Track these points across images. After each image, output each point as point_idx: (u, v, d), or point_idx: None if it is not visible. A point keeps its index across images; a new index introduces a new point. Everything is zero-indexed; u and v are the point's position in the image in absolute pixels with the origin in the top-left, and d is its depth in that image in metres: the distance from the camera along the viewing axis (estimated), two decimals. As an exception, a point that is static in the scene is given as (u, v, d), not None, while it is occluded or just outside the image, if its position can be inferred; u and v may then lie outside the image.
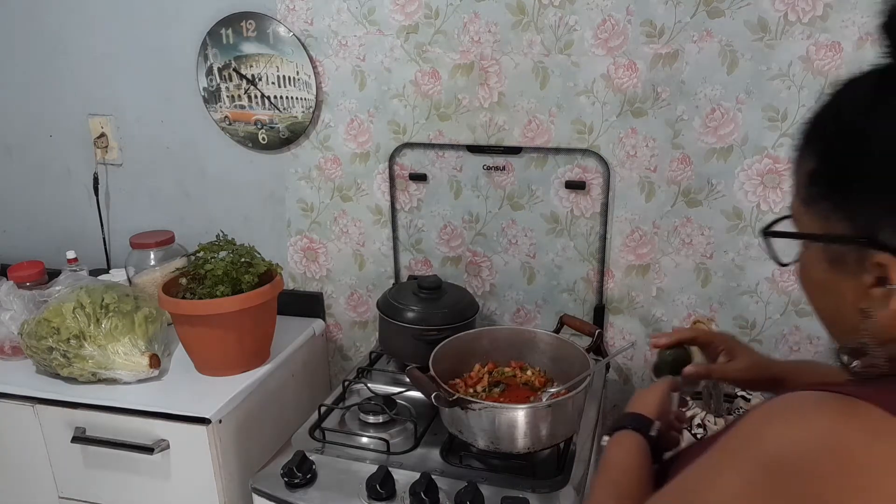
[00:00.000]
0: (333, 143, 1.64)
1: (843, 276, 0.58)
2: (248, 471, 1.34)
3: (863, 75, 0.58)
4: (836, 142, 0.57)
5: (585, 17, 1.40)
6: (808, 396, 0.54)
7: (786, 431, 0.52)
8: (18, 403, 1.43)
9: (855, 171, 0.55)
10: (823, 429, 0.50)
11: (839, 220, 0.56)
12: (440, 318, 1.46)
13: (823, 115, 0.59)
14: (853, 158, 0.55)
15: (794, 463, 0.49)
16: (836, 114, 0.58)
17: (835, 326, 0.63)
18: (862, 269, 0.56)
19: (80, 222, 1.91)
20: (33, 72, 1.81)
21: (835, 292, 0.60)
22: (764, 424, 0.54)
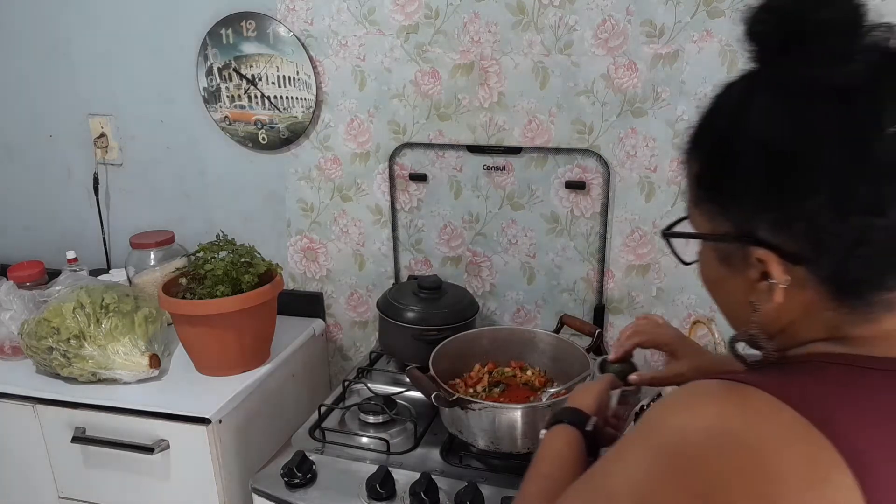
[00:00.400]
0: (333, 143, 1.64)
1: (733, 273, 0.61)
2: (248, 471, 1.34)
3: (736, 80, 0.60)
4: (711, 147, 0.60)
5: (585, 17, 1.40)
6: (702, 385, 0.57)
7: (681, 418, 0.55)
8: (18, 403, 1.43)
9: (728, 173, 0.58)
10: (713, 414, 0.53)
11: (723, 220, 0.60)
12: (440, 318, 1.46)
13: (704, 119, 0.62)
14: (726, 161, 0.58)
15: (686, 446, 0.53)
16: (712, 119, 0.61)
17: (733, 320, 0.66)
18: (747, 265, 0.59)
19: (80, 222, 1.91)
20: (33, 72, 1.81)
21: (727, 288, 0.64)
22: (663, 414, 0.57)
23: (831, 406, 0.52)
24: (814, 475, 0.49)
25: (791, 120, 0.53)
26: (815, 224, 0.53)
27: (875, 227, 0.52)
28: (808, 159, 0.53)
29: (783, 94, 0.54)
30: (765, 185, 0.55)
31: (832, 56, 0.52)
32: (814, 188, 0.53)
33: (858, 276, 0.55)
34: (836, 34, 0.53)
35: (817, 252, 0.55)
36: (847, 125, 0.52)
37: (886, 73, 0.52)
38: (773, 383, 0.54)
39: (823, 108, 0.52)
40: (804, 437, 0.50)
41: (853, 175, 0.52)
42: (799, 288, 0.57)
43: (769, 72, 0.56)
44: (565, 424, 0.86)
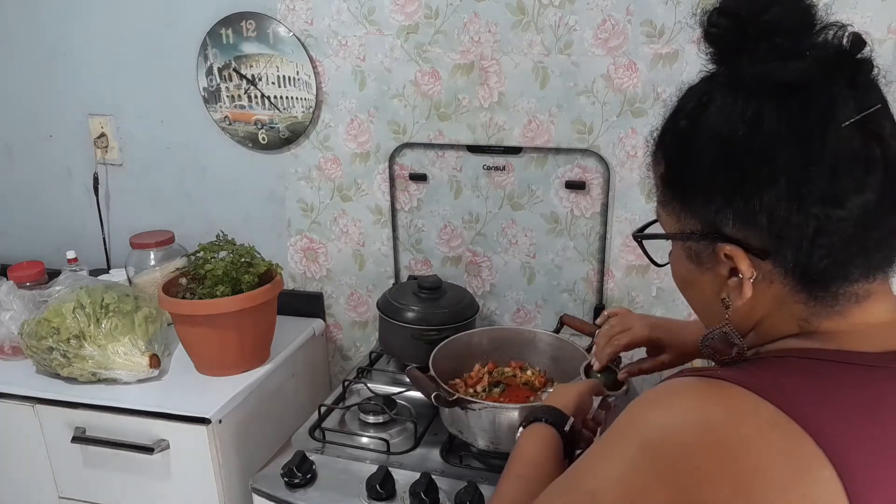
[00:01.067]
0: (333, 143, 1.64)
1: (703, 271, 0.63)
2: (248, 471, 1.34)
3: (698, 82, 0.62)
4: (674, 147, 0.62)
5: (585, 17, 1.40)
6: (682, 382, 0.58)
7: (661, 416, 0.56)
8: (18, 403, 1.43)
9: (691, 173, 0.60)
10: (694, 410, 0.54)
11: (689, 219, 0.61)
12: (440, 318, 1.46)
13: (667, 120, 0.64)
14: (688, 161, 0.60)
15: (667, 442, 0.53)
16: (674, 119, 0.62)
17: (706, 318, 0.67)
18: (716, 262, 0.60)
19: (80, 222, 1.91)
20: (33, 72, 1.81)
21: (699, 287, 0.65)
22: (642, 411, 0.58)
23: (808, 400, 0.53)
24: (795, 469, 0.50)
25: (746, 116, 0.55)
26: (775, 217, 0.55)
27: (834, 218, 0.54)
28: (764, 154, 0.54)
29: (738, 92, 0.56)
30: (725, 180, 0.57)
31: (783, 53, 0.54)
32: (772, 181, 0.54)
33: (822, 267, 0.56)
34: (786, 33, 0.55)
35: (780, 244, 0.56)
36: (801, 120, 0.53)
37: (838, 68, 0.54)
38: (751, 379, 0.54)
39: (777, 103, 0.54)
40: (784, 433, 0.51)
41: (809, 168, 0.53)
42: (767, 282, 0.59)
43: (726, 71, 0.58)
44: (543, 423, 0.87)
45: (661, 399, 0.58)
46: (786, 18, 0.55)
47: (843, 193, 0.53)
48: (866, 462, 0.51)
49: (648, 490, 0.53)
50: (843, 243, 0.55)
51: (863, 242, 0.55)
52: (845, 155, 0.53)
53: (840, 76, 0.54)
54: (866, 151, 0.53)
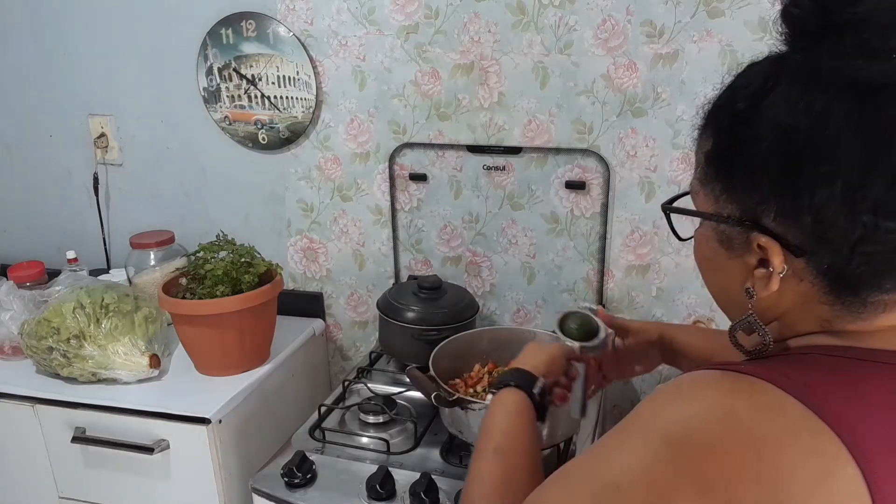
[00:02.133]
0: (333, 143, 1.64)
1: (731, 256, 0.61)
2: (248, 471, 1.34)
3: (761, 61, 0.59)
4: (727, 126, 0.59)
5: (585, 17, 1.40)
6: (706, 375, 0.56)
7: (685, 408, 0.54)
8: (18, 403, 1.43)
9: (741, 157, 0.57)
10: (719, 405, 0.53)
11: (728, 202, 0.59)
12: (440, 318, 1.46)
13: (722, 97, 0.61)
14: (740, 144, 0.57)
15: (693, 437, 0.52)
16: (731, 98, 0.59)
17: (723, 302, 0.66)
18: (747, 251, 0.59)
19: (80, 222, 1.91)
20: (33, 72, 1.81)
21: (723, 270, 0.63)
22: (666, 402, 0.57)
23: (833, 398, 0.52)
24: (822, 469, 0.49)
25: (815, 111, 0.52)
26: (822, 217, 0.53)
27: (882, 229, 0.52)
28: (826, 152, 0.52)
29: (811, 84, 0.53)
30: (778, 171, 0.54)
31: (866, 52, 0.52)
32: (828, 182, 0.52)
33: (857, 274, 0.55)
34: (874, 29, 0.52)
35: (820, 246, 0.54)
36: (871, 123, 0.51)
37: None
38: (776, 375, 0.53)
39: (850, 103, 0.51)
40: (811, 431, 0.50)
41: (869, 174, 0.51)
42: (796, 279, 0.57)
43: (799, 58, 0.55)
44: (512, 388, 0.85)
45: (685, 391, 0.56)
46: (877, 15, 0.52)
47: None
48: (885, 458, 0.50)
49: (675, 484, 0.51)
50: (884, 254, 0.53)
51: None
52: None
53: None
54: None
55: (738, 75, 0.61)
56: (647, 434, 0.55)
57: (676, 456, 0.52)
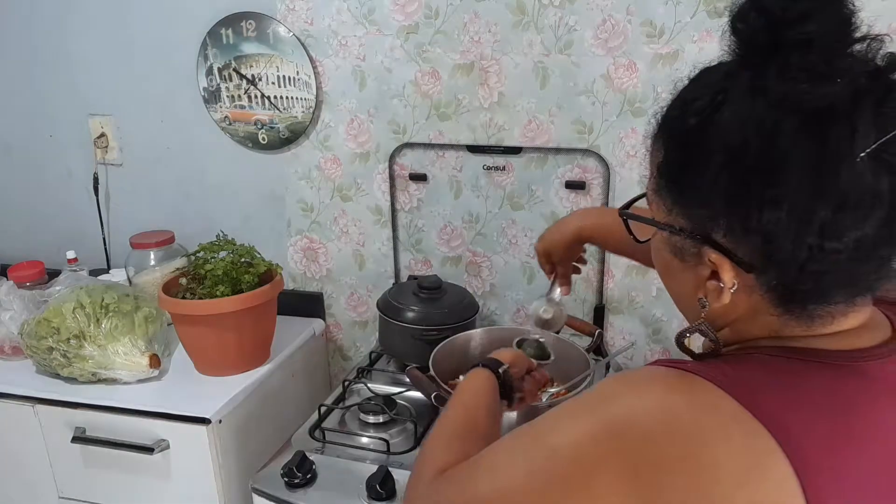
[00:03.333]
0: (333, 143, 1.64)
1: (684, 266, 0.62)
2: (248, 471, 1.34)
3: (713, 70, 0.60)
4: (678, 142, 0.59)
5: (585, 17, 1.40)
6: (656, 371, 0.59)
7: (631, 399, 0.57)
8: (18, 403, 1.43)
9: (691, 174, 0.57)
10: (660, 400, 0.56)
11: (679, 215, 0.60)
12: (440, 318, 1.46)
13: (674, 108, 0.61)
14: (690, 162, 0.58)
15: (633, 427, 0.55)
16: (682, 111, 0.59)
17: (681, 307, 0.68)
18: (699, 262, 0.60)
19: (80, 222, 1.91)
20: (33, 72, 1.81)
21: (677, 278, 0.64)
22: (617, 390, 0.59)
23: (770, 397, 0.54)
24: (750, 465, 0.51)
25: (763, 134, 0.52)
26: (770, 238, 0.53)
27: (828, 250, 0.53)
28: (774, 176, 0.52)
29: (759, 105, 0.53)
30: (727, 192, 0.54)
31: (813, 74, 0.51)
32: (775, 205, 0.52)
33: (806, 291, 0.56)
34: (821, 51, 0.52)
35: (769, 264, 0.55)
36: (818, 148, 0.51)
37: (866, 97, 0.51)
38: (717, 373, 0.55)
39: (798, 127, 0.51)
40: (743, 428, 0.52)
41: (816, 198, 0.51)
42: (747, 292, 0.58)
43: (748, 76, 0.55)
44: (480, 367, 0.93)
45: (635, 383, 0.59)
46: (824, 36, 0.52)
47: (844, 228, 0.52)
48: (825, 459, 0.52)
49: (602, 464, 0.55)
50: (831, 272, 0.54)
51: (852, 273, 0.55)
52: (855, 190, 0.51)
53: (868, 102, 0.51)
54: (875, 186, 0.51)
55: (690, 84, 0.61)
56: (594, 415, 0.58)
57: (611, 440, 0.55)
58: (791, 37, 0.52)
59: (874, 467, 0.54)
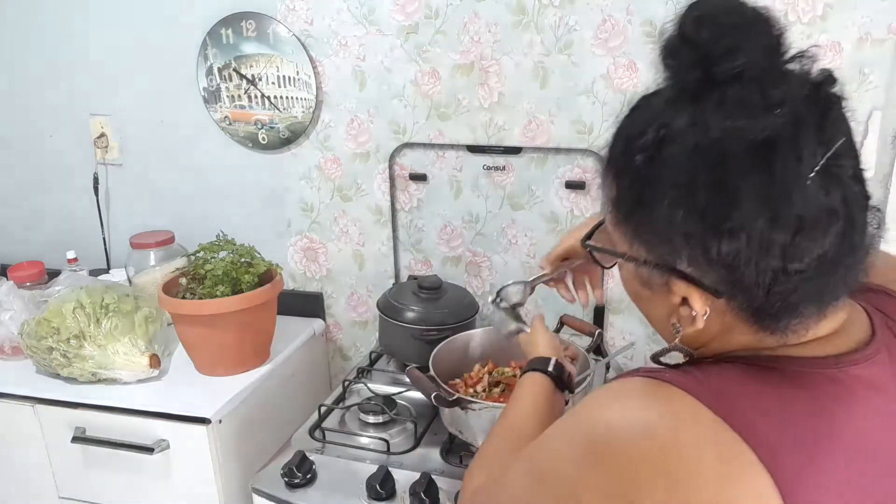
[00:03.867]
0: (333, 143, 1.64)
1: (653, 294, 0.62)
2: (248, 471, 1.34)
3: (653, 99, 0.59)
4: (628, 181, 0.59)
5: (585, 17, 1.40)
6: (633, 383, 0.59)
7: (608, 414, 0.58)
8: (18, 403, 1.43)
9: (645, 212, 0.57)
10: (637, 414, 0.56)
11: (640, 248, 0.59)
12: (440, 318, 1.46)
13: (618, 143, 0.60)
14: (642, 201, 0.57)
15: (612, 444, 0.55)
16: (628, 148, 0.58)
17: (657, 328, 0.67)
18: (668, 291, 0.59)
19: (80, 222, 1.91)
20: (33, 72, 1.81)
21: (649, 305, 0.65)
22: (592, 405, 0.60)
23: (746, 407, 0.54)
24: (727, 477, 0.51)
25: (711, 168, 0.52)
26: (734, 267, 0.53)
27: (791, 271, 0.53)
28: (727, 210, 0.52)
29: (703, 140, 0.53)
30: (683, 228, 0.54)
31: (751, 107, 0.51)
32: (733, 236, 0.52)
33: (776, 309, 0.56)
34: (753, 84, 0.52)
35: (736, 289, 0.55)
36: (768, 177, 0.51)
37: (806, 121, 0.51)
38: (694, 384, 0.55)
39: (745, 159, 0.51)
40: (720, 439, 0.52)
41: (773, 226, 0.51)
42: (718, 314, 0.58)
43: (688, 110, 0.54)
44: (530, 373, 0.92)
45: (611, 398, 0.59)
46: (753, 66, 0.52)
47: (805, 249, 0.52)
48: (803, 469, 0.52)
49: (583, 485, 0.56)
50: (798, 290, 0.54)
51: (819, 286, 0.55)
52: (810, 212, 0.51)
53: (809, 125, 0.51)
54: (829, 202, 0.52)
55: (631, 114, 0.60)
56: (576, 433, 0.60)
57: (590, 461, 0.56)
58: (722, 72, 0.52)
59: (852, 476, 0.54)
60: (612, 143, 0.61)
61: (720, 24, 0.53)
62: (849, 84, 1.30)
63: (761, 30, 0.54)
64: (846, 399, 0.56)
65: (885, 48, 1.27)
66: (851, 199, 0.53)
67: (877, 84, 1.29)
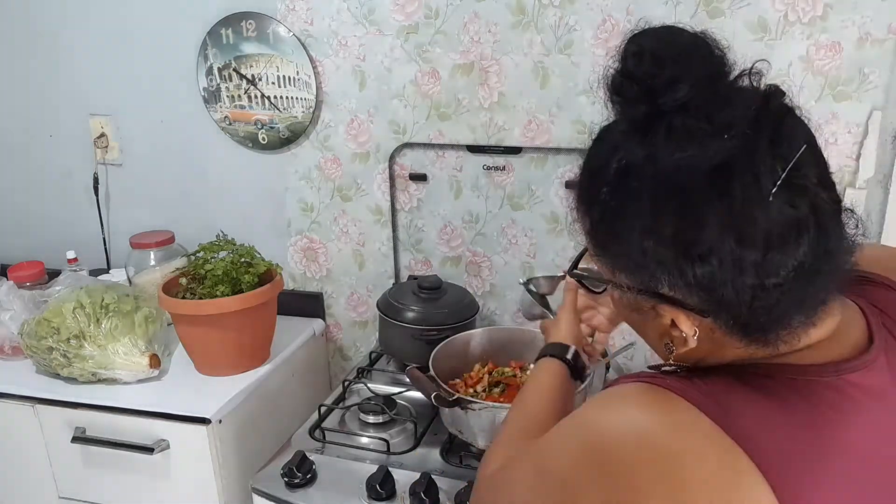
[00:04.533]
0: (333, 143, 1.64)
1: (643, 317, 0.62)
2: (248, 471, 1.34)
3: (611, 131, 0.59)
4: (597, 212, 0.60)
5: (585, 17, 1.40)
6: (632, 389, 0.59)
7: (608, 419, 0.58)
8: (18, 403, 1.43)
9: (617, 242, 0.58)
10: (636, 420, 0.56)
11: (622, 275, 0.60)
12: (440, 318, 1.46)
13: (584, 177, 0.62)
14: (613, 230, 0.58)
15: (611, 451, 0.55)
16: (592, 181, 0.59)
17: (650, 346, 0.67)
18: (656, 314, 0.60)
19: (80, 222, 1.91)
20: (33, 72, 1.81)
21: (641, 327, 0.65)
22: (595, 410, 0.61)
23: (744, 414, 0.54)
24: (725, 485, 0.51)
25: (671, 197, 0.53)
26: (711, 288, 0.54)
27: (769, 286, 0.53)
28: (694, 236, 0.52)
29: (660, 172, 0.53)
30: (655, 255, 0.55)
31: (699, 135, 0.52)
32: (703, 260, 0.53)
33: (762, 322, 0.56)
34: (699, 113, 0.52)
35: (719, 308, 0.55)
36: (729, 201, 0.51)
37: (759, 139, 0.51)
38: (693, 391, 0.56)
39: (703, 186, 0.52)
40: (718, 447, 0.52)
41: (742, 246, 0.52)
42: (708, 332, 0.58)
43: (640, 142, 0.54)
44: (547, 358, 0.92)
45: (611, 403, 0.60)
46: (697, 94, 0.53)
47: (779, 263, 0.52)
48: (802, 477, 0.52)
49: (582, 490, 0.56)
50: (781, 302, 0.54)
51: (801, 296, 0.55)
52: (778, 227, 0.51)
53: (762, 143, 0.51)
54: (796, 215, 0.52)
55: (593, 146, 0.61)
56: (575, 438, 0.60)
57: (590, 466, 0.56)
58: (666, 103, 0.53)
59: (851, 484, 0.54)
60: (579, 176, 0.63)
61: (659, 57, 0.54)
62: (849, 84, 1.30)
63: (701, 56, 0.55)
64: (845, 407, 0.56)
65: (885, 48, 1.27)
66: (820, 206, 0.53)
67: (877, 84, 1.29)
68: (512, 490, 0.67)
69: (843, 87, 1.31)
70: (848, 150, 1.34)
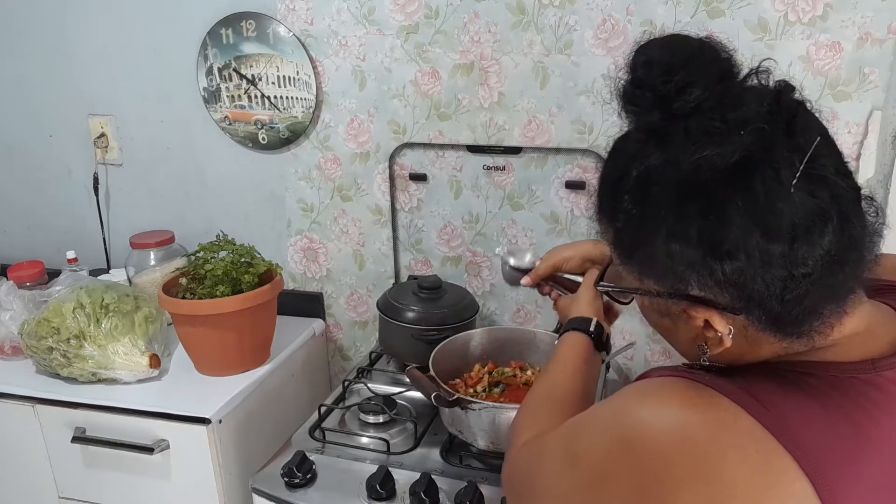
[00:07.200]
0: (333, 143, 1.64)
1: (674, 322, 0.63)
2: (248, 471, 1.34)
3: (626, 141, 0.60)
4: (620, 221, 0.60)
5: (585, 17, 1.40)
6: (671, 383, 0.59)
7: (646, 413, 0.58)
8: (18, 403, 1.43)
9: (643, 249, 0.58)
10: (675, 416, 0.56)
11: (650, 281, 0.60)
12: (440, 318, 1.46)
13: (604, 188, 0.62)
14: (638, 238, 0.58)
15: (646, 443, 0.55)
16: (613, 191, 0.60)
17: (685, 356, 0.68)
18: (689, 317, 0.60)
19: (80, 222, 1.91)
20: (33, 72, 1.81)
21: (672, 333, 0.66)
22: (632, 401, 0.60)
23: (785, 412, 0.54)
24: (767, 484, 0.51)
25: (695, 198, 0.53)
26: (741, 284, 0.54)
27: (798, 276, 0.53)
28: (720, 235, 0.53)
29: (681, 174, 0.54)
30: (683, 257, 0.55)
31: (716, 135, 0.53)
32: (731, 256, 0.53)
33: (794, 315, 0.56)
34: (712, 111, 0.53)
35: (750, 304, 0.56)
36: (752, 195, 0.52)
37: (775, 133, 0.52)
38: (734, 388, 0.56)
39: (724, 184, 0.52)
40: (759, 446, 0.52)
41: (768, 240, 0.52)
42: (742, 330, 0.59)
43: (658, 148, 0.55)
44: (571, 332, 0.92)
45: (651, 396, 0.60)
46: (708, 97, 0.54)
47: (806, 253, 0.53)
48: (843, 475, 0.52)
49: (613, 478, 0.56)
50: (811, 292, 0.55)
51: (830, 284, 0.55)
52: (802, 218, 0.52)
53: (778, 136, 0.52)
54: (818, 204, 0.52)
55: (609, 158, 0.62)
56: (610, 427, 0.60)
57: (623, 455, 0.56)
58: (680, 107, 0.54)
59: (889, 478, 0.54)
60: (598, 189, 0.63)
61: (669, 64, 0.55)
62: (849, 84, 1.30)
63: (709, 59, 0.56)
64: (885, 403, 0.56)
65: (885, 48, 1.27)
66: (840, 194, 0.54)
67: (877, 84, 1.29)
68: (541, 468, 0.67)
69: (843, 87, 1.31)
70: (848, 150, 1.34)
